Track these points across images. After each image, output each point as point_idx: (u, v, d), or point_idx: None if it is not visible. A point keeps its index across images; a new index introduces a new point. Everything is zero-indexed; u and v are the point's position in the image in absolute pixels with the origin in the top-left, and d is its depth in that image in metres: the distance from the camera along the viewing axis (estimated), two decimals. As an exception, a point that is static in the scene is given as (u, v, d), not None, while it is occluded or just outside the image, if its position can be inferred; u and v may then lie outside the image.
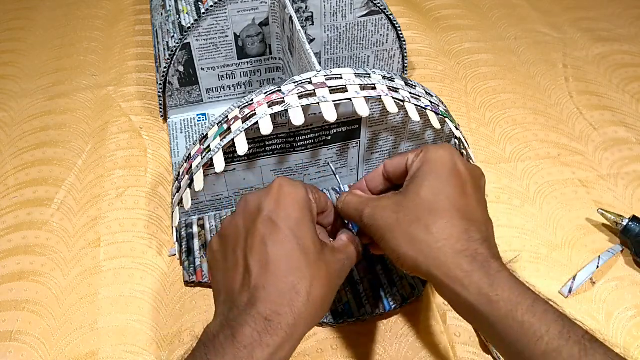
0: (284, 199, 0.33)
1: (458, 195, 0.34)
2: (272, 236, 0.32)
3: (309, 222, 0.33)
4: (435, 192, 0.34)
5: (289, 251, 0.31)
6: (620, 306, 0.45)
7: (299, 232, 0.32)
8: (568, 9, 0.80)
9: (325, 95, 0.40)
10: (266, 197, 0.33)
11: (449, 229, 0.33)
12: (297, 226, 0.32)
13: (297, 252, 0.32)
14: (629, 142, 0.60)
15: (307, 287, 0.31)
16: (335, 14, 0.57)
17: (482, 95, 0.65)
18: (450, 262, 0.32)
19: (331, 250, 0.34)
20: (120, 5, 0.80)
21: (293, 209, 0.33)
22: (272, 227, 0.32)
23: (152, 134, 0.60)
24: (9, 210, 0.52)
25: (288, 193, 0.33)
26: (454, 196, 0.34)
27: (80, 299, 0.46)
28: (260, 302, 0.30)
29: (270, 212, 0.32)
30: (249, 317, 0.29)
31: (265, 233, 0.32)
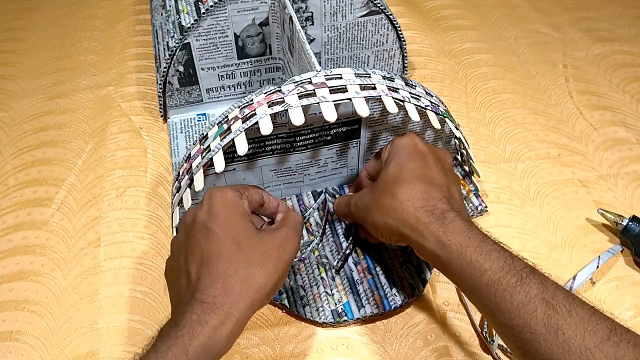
0: (213, 205, 0.37)
1: (419, 167, 0.40)
2: (206, 238, 0.35)
3: (239, 216, 0.37)
4: (399, 167, 0.40)
5: (220, 244, 0.35)
6: (620, 306, 0.45)
7: (227, 227, 0.36)
8: (568, 9, 0.80)
9: (325, 95, 0.40)
10: (199, 208, 0.37)
11: (410, 191, 0.38)
12: (226, 223, 0.36)
13: (227, 243, 0.35)
14: (629, 142, 0.60)
15: (241, 269, 0.34)
16: (335, 14, 0.57)
17: (482, 95, 0.65)
18: (412, 218, 0.37)
19: (268, 231, 0.38)
20: (120, 5, 0.80)
21: (221, 210, 0.37)
22: (205, 230, 0.36)
23: (152, 134, 0.60)
24: (9, 210, 0.52)
25: (215, 198, 0.37)
26: (414, 168, 0.40)
27: (80, 299, 0.46)
28: (198, 291, 0.33)
29: (203, 219, 0.36)
30: (189, 305, 0.33)
31: (200, 238, 0.36)
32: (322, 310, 0.44)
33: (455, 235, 0.36)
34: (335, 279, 0.46)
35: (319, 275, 0.46)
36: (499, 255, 0.34)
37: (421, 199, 0.38)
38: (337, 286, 0.46)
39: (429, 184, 0.39)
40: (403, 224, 0.38)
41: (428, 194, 0.38)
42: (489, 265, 0.34)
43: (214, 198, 0.37)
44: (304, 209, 0.51)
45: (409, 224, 0.37)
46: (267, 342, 0.43)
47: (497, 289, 0.33)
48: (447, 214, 0.37)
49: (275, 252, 0.36)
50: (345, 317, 0.44)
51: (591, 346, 0.30)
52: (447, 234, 0.36)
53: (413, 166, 0.40)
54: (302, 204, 0.52)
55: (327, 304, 0.45)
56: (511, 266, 0.34)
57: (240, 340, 0.43)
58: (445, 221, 0.36)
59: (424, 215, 0.37)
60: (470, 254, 0.35)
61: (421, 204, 0.37)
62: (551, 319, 0.31)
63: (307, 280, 0.46)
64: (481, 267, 0.34)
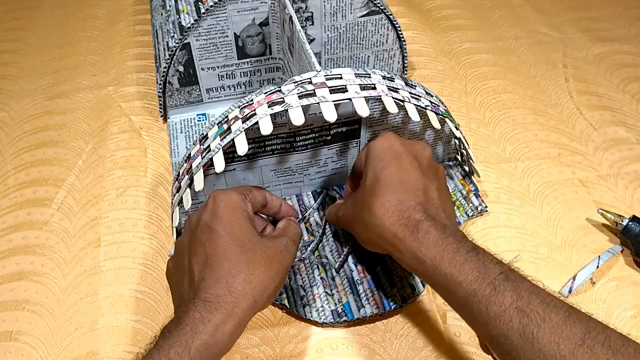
0: (217, 207, 0.37)
1: (394, 173, 0.39)
2: (209, 239, 0.36)
3: (242, 219, 0.38)
4: (374, 177, 0.40)
5: (224, 246, 0.36)
6: (620, 306, 0.45)
7: (232, 230, 0.36)
8: (568, 9, 0.80)
9: (325, 95, 0.40)
10: (203, 210, 0.38)
11: (384, 205, 0.38)
12: (230, 225, 0.37)
13: (231, 245, 0.36)
14: (629, 142, 0.60)
15: (245, 270, 0.35)
16: (335, 14, 0.57)
17: (482, 95, 0.65)
18: (389, 234, 0.37)
19: (270, 238, 0.38)
20: (120, 5, 0.80)
21: (225, 212, 0.37)
22: (209, 232, 0.36)
23: (152, 134, 0.60)
24: (9, 210, 0.53)
25: (220, 200, 0.38)
26: (389, 175, 0.39)
27: (80, 299, 0.46)
28: (201, 291, 0.34)
29: (207, 221, 0.37)
30: (192, 304, 0.33)
31: (204, 239, 0.36)
32: (322, 310, 0.44)
33: (429, 248, 0.35)
34: (335, 279, 0.46)
35: (319, 275, 0.46)
36: (472, 265, 0.34)
37: (396, 211, 0.37)
38: (337, 286, 0.46)
39: (404, 191, 0.38)
40: (382, 240, 0.38)
41: (402, 204, 0.37)
42: (463, 277, 0.34)
43: (218, 200, 0.38)
44: (304, 209, 0.51)
45: (387, 240, 0.38)
46: (267, 342, 0.43)
47: (473, 301, 0.33)
48: (421, 224, 0.36)
49: (276, 257, 0.37)
50: (345, 317, 0.44)
51: (566, 353, 0.30)
52: (421, 248, 0.36)
53: (388, 173, 0.39)
54: (302, 204, 0.52)
55: (327, 304, 0.45)
56: (485, 276, 0.33)
57: (240, 340, 0.43)
58: (419, 234, 0.36)
59: (399, 229, 0.37)
60: (444, 268, 0.34)
61: (396, 216, 0.37)
62: (526, 328, 0.31)
63: (307, 280, 0.46)
64: (456, 280, 0.34)
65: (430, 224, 0.36)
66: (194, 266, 0.36)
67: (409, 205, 0.37)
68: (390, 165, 0.40)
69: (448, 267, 0.34)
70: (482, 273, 0.34)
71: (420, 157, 0.42)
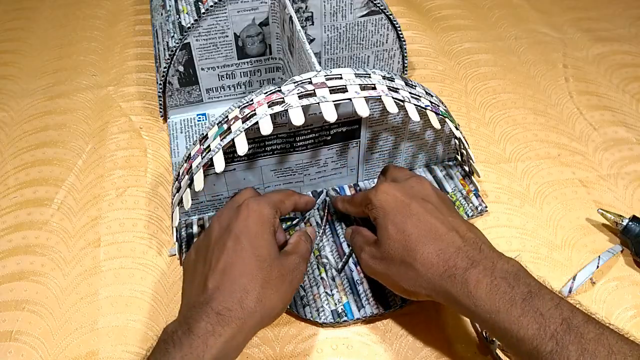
0: (249, 217, 0.39)
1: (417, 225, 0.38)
2: (233, 247, 0.37)
3: (268, 234, 0.39)
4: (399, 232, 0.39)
5: (245, 259, 0.37)
6: (620, 306, 0.45)
7: (256, 244, 0.38)
8: (568, 9, 0.80)
9: (325, 95, 0.40)
10: (236, 217, 0.39)
11: (426, 258, 0.37)
12: (256, 239, 0.38)
13: (252, 259, 0.37)
14: (629, 142, 0.60)
15: (258, 288, 0.36)
16: (335, 14, 0.57)
17: (482, 95, 0.65)
18: (440, 288, 0.36)
19: (285, 255, 0.40)
20: (120, 5, 0.80)
21: (254, 224, 0.39)
22: (235, 240, 0.38)
23: (152, 134, 0.60)
24: (9, 210, 0.53)
25: (253, 210, 0.39)
26: (414, 227, 0.38)
27: (80, 299, 0.46)
28: (214, 300, 0.35)
29: (235, 228, 0.38)
30: (204, 313, 0.34)
31: (229, 246, 0.37)
32: (322, 311, 0.44)
33: (483, 302, 0.34)
34: (335, 279, 0.46)
35: (319, 276, 0.46)
36: (530, 318, 0.32)
37: (440, 262, 0.36)
38: (337, 286, 0.46)
39: (438, 239, 0.37)
40: (435, 293, 0.37)
41: (443, 254, 0.36)
42: (524, 332, 0.32)
43: (251, 211, 0.39)
44: (304, 209, 0.51)
45: (441, 294, 0.36)
46: (267, 342, 0.43)
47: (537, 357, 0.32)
48: (469, 274, 0.35)
49: (288, 276, 0.38)
50: (345, 317, 0.44)
51: None
52: (476, 303, 0.34)
53: (411, 226, 0.38)
54: (302, 204, 0.52)
55: (327, 304, 0.45)
56: (545, 329, 0.32)
57: (240, 340, 0.43)
58: (470, 287, 0.34)
59: (448, 283, 0.35)
60: (502, 322, 0.33)
61: (442, 269, 0.36)
62: None
63: (307, 280, 0.46)
64: (516, 335, 0.32)
65: (477, 271, 0.35)
66: (211, 271, 0.37)
67: (450, 254, 0.36)
68: (408, 217, 0.39)
69: (506, 321, 0.33)
70: (542, 325, 0.32)
71: (426, 195, 0.41)
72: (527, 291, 0.33)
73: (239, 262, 0.36)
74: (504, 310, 0.33)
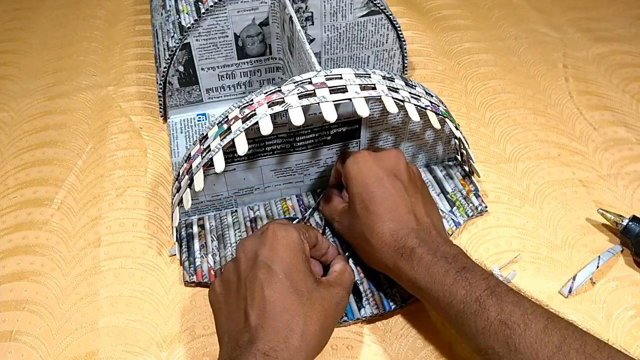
0: (277, 244, 0.37)
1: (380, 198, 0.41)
2: (268, 280, 0.35)
3: (302, 263, 0.37)
4: (363, 205, 0.41)
5: (284, 293, 0.35)
6: (620, 306, 0.45)
7: (292, 275, 0.36)
8: (568, 9, 0.80)
9: (325, 95, 0.40)
10: (262, 245, 0.37)
11: (380, 237, 0.40)
12: (290, 270, 0.36)
13: (291, 293, 0.35)
14: (629, 142, 0.60)
15: (301, 325, 0.35)
16: (335, 14, 0.57)
17: (482, 95, 0.65)
18: (389, 262, 0.40)
19: (326, 286, 0.38)
20: (120, 5, 0.80)
21: (286, 254, 0.37)
22: (268, 272, 0.36)
23: (152, 134, 0.60)
24: (9, 210, 0.53)
25: (281, 238, 0.37)
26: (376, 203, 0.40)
27: (80, 299, 0.46)
28: (259, 340, 0.33)
29: (266, 259, 0.36)
30: (250, 354, 0.33)
31: (262, 278, 0.35)
32: (322, 310, 0.44)
33: (422, 274, 0.38)
34: (335, 279, 0.46)
35: (319, 275, 0.46)
36: (460, 285, 0.36)
37: (392, 242, 0.39)
38: (337, 286, 0.46)
39: (395, 219, 0.40)
40: (385, 268, 0.41)
41: (397, 234, 0.39)
42: (452, 298, 0.36)
43: (280, 237, 0.37)
44: (304, 209, 0.51)
45: (387, 267, 0.40)
46: (267, 342, 0.43)
47: (463, 318, 0.36)
48: (415, 252, 0.38)
49: (332, 312, 0.37)
50: (345, 317, 0.44)
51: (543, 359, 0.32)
52: (416, 275, 0.38)
53: (375, 202, 0.41)
54: (302, 204, 0.52)
55: (327, 304, 0.45)
56: (471, 293, 0.36)
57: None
58: (414, 262, 0.38)
59: (397, 259, 0.39)
60: (436, 291, 0.37)
61: (393, 248, 0.39)
62: (509, 339, 0.33)
63: (307, 280, 0.46)
64: (447, 300, 0.36)
65: (423, 250, 0.38)
66: (250, 307, 0.35)
67: (402, 235, 0.39)
68: (375, 191, 0.41)
69: (440, 290, 0.37)
70: (469, 291, 0.36)
71: (399, 172, 0.43)
72: (461, 267, 0.37)
73: (278, 297, 0.35)
74: (439, 281, 0.37)
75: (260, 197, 0.51)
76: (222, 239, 0.49)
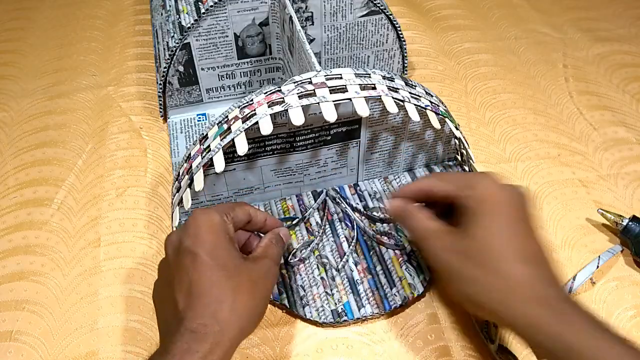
0: (199, 229, 0.36)
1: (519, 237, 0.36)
2: (193, 264, 0.35)
3: (225, 241, 0.36)
4: (497, 237, 0.35)
5: (209, 272, 0.34)
6: (620, 306, 0.45)
7: (216, 254, 0.35)
8: (568, 9, 0.80)
9: (325, 95, 0.40)
10: (184, 232, 0.36)
11: (517, 275, 0.34)
12: (213, 249, 0.35)
13: (215, 271, 0.35)
14: (629, 142, 0.60)
15: (230, 297, 0.34)
16: (335, 14, 0.57)
17: (482, 95, 0.65)
18: (520, 312, 0.33)
19: (252, 260, 0.38)
20: (120, 5, 0.80)
21: (207, 235, 0.36)
22: (192, 256, 0.35)
23: (152, 134, 0.60)
24: (9, 210, 0.53)
25: (202, 221, 0.36)
26: (515, 239, 0.35)
27: (80, 299, 0.46)
28: (187, 319, 0.33)
29: (189, 244, 0.35)
30: (178, 333, 0.32)
31: (187, 263, 0.35)
32: (322, 310, 0.44)
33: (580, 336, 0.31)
34: (335, 279, 0.46)
35: (319, 275, 0.46)
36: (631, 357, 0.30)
37: (527, 286, 0.34)
38: (337, 286, 0.46)
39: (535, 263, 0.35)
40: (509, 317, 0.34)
41: (536, 280, 0.34)
42: None
43: (200, 222, 0.36)
44: (304, 209, 0.51)
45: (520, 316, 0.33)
46: (267, 342, 0.43)
47: None
48: (563, 305, 0.33)
49: (260, 281, 0.36)
50: (345, 317, 0.44)
51: None
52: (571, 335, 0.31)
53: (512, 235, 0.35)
54: (302, 204, 0.52)
55: (327, 304, 0.45)
56: None
57: (240, 340, 0.43)
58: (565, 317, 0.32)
59: (535, 308, 0.33)
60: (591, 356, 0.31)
61: (529, 293, 0.33)
62: None
63: (307, 280, 0.46)
64: None
65: (571, 305, 0.33)
66: (178, 294, 0.34)
67: (542, 280, 0.34)
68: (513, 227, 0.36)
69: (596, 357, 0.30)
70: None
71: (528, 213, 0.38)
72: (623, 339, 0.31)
73: (203, 276, 0.34)
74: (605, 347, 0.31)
75: (260, 197, 0.51)
76: (222, 239, 0.49)
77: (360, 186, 0.53)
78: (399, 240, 0.49)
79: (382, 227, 0.50)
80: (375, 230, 0.50)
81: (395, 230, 0.49)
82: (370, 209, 0.51)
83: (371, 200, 0.52)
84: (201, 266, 0.35)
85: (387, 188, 0.53)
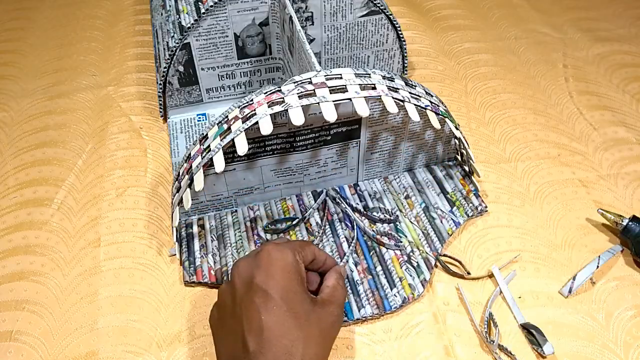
0: (272, 267, 0.36)
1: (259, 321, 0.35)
2: (265, 305, 0.34)
3: (298, 285, 0.36)
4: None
5: (281, 318, 0.34)
6: (620, 306, 0.45)
7: (288, 298, 0.35)
8: (568, 9, 0.80)
9: (325, 95, 0.40)
10: (256, 266, 0.36)
11: None
12: (287, 293, 0.35)
13: (288, 317, 0.34)
14: (629, 142, 0.60)
15: (301, 348, 0.34)
16: (335, 14, 0.57)
17: (482, 95, 0.65)
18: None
19: (321, 305, 0.37)
20: (120, 5, 0.80)
21: (282, 277, 0.36)
22: (265, 296, 0.35)
23: (152, 134, 0.60)
24: (9, 210, 0.53)
25: (276, 260, 0.36)
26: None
27: (80, 299, 0.46)
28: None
29: (262, 283, 0.35)
30: None
31: (259, 303, 0.35)
32: (322, 310, 0.44)
33: None
34: (335, 279, 0.46)
35: (319, 275, 0.46)
36: None
37: None
38: (337, 286, 0.46)
39: None
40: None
41: None
42: None
43: (273, 259, 0.36)
44: (304, 209, 0.51)
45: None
46: (267, 342, 0.43)
47: None
48: None
49: (329, 330, 0.37)
50: (345, 317, 0.44)
51: None
52: None
53: None
54: (302, 204, 0.52)
55: (327, 304, 0.45)
56: None
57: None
58: None
59: None
60: None
61: None
62: None
63: (307, 280, 0.46)
64: None
65: None
66: (248, 333, 0.34)
67: None
68: None
69: None
70: None
71: None
72: None
73: (276, 321, 0.34)
74: None
75: (260, 197, 0.51)
76: (222, 239, 0.49)
77: (360, 186, 0.53)
78: (398, 240, 0.49)
79: (382, 228, 0.50)
80: (375, 230, 0.50)
81: (395, 231, 0.49)
82: (370, 209, 0.51)
83: (371, 200, 0.52)
84: (274, 309, 0.34)
85: (387, 188, 0.53)
